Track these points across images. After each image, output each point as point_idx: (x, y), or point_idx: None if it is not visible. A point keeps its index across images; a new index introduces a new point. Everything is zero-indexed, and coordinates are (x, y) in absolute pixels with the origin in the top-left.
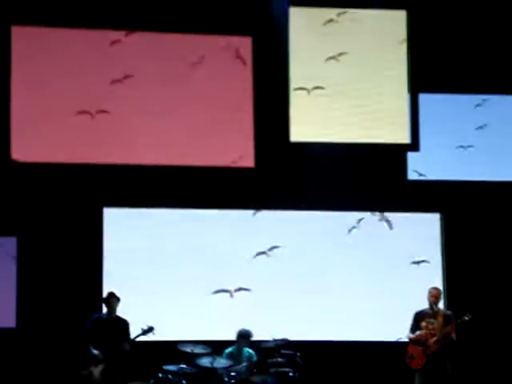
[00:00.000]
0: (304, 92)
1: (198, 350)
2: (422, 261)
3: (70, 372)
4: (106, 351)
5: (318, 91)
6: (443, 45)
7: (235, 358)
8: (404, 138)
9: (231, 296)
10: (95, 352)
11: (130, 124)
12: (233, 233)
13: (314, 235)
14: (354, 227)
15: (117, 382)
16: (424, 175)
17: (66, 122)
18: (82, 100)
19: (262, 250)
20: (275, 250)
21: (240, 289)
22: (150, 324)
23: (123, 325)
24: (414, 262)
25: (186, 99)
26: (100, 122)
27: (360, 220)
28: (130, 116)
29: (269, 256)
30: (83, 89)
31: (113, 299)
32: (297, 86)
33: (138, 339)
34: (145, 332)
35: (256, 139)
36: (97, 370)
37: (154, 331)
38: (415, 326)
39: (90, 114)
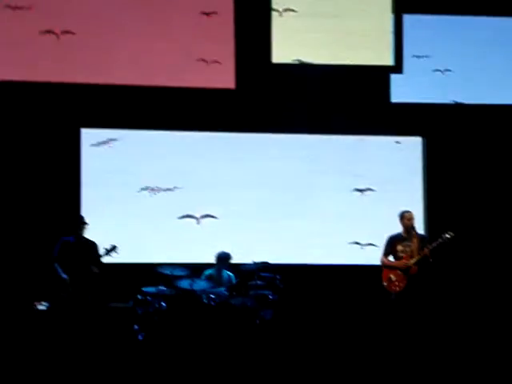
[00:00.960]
0: (287, 13)
1: (177, 272)
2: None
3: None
4: (75, 274)
5: (302, 12)
6: None
7: (214, 280)
8: (387, 59)
9: (216, 219)
10: (64, 276)
11: (108, 43)
12: (212, 156)
13: (294, 158)
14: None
15: (88, 304)
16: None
17: (42, 41)
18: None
19: (241, 174)
20: (252, 174)
21: (224, 213)
22: (113, 243)
23: (91, 246)
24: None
25: (161, 20)
26: (79, 42)
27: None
28: (107, 35)
29: (247, 180)
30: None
31: (82, 222)
32: (279, 8)
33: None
34: (108, 251)
35: (237, 60)
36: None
37: (118, 250)
38: (389, 250)
39: (73, 33)
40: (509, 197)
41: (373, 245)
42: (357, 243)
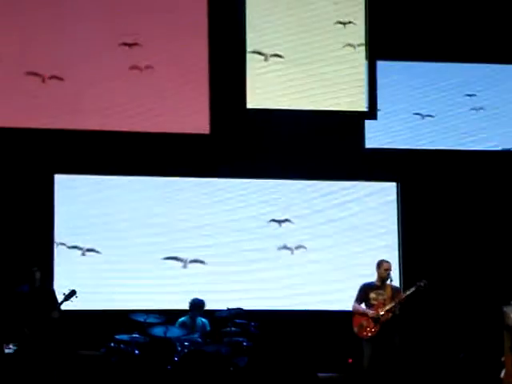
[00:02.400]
0: (261, 57)
1: (150, 319)
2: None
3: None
4: (34, 323)
5: (276, 58)
6: (401, 12)
7: (188, 327)
8: (361, 105)
9: (185, 266)
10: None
11: (81, 89)
12: (185, 201)
13: (268, 204)
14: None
15: (51, 352)
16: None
17: (16, 86)
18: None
19: (215, 219)
20: (229, 219)
21: (194, 260)
22: (72, 288)
23: (48, 292)
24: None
25: (138, 65)
26: (51, 87)
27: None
28: (81, 81)
29: (223, 226)
30: (34, 51)
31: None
32: (253, 49)
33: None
34: (67, 297)
35: (211, 105)
36: None
37: (77, 294)
38: (362, 297)
39: (41, 76)
40: (483, 242)
41: (341, 292)
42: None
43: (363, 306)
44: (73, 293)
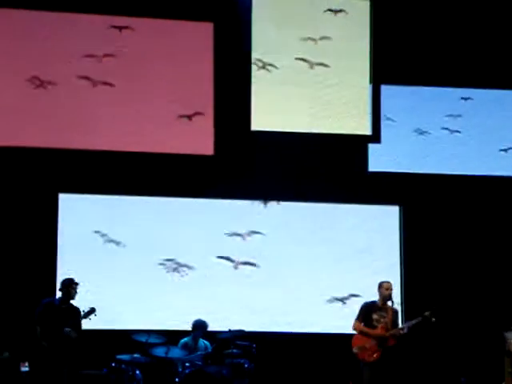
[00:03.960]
0: (265, 80)
1: (152, 339)
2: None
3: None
4: (54, 337)
5: (280, 80)
6: (406, 36)
7: (190, 348)
8: (365, 129)
9: (187, 286)
10: (43, 343)
11: (86, 109)
12: (189, 221)
13: (272, 226)
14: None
15: (63, 373)
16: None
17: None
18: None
19: (218, 240)
20: (231, 240)
21: (200, 279)
22: (92, 306)
23: (75, 312)
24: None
25: (145, 86)
26: (58, 106)
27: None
28: (86, 101)
29: (224, 245)
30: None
31: (72, 285)
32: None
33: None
34: (86, 314)
35: (216, 127)
36: None
37: (96, 313)
38: (363, 318)
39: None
40: (485, 267)
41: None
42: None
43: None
44: (92, 311)
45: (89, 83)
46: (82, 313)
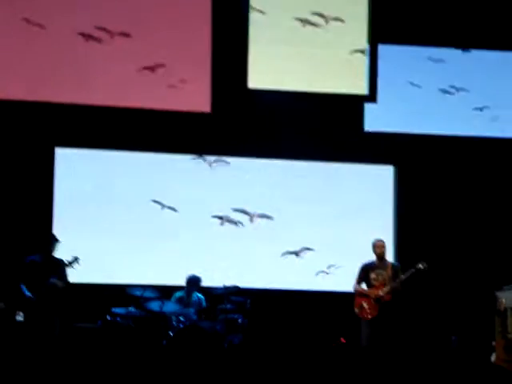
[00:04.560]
0: (264, 39)
1: (147, 293)
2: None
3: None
4: (41, 292)
5: (278, 39)
6: None
7: (184, 302)
8: (362, 88)
9: (187, 241)
10: (28, 294)
11: (86, 63)
12: (184, 178)
13: (266, 183)
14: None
15: (55, 323)
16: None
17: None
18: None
19: (212, 197)
20: (227, 198)
21: (195, 235)
22: (75, 255)
23: (59, 264)
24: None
25: (137, 41)
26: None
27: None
28: (86, 55)
29: (219, 204)
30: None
31: (54, 241)
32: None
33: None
34: (70, 263)
35: (213, 85)
36: None
37: (79, 261)
38: (363, 278)
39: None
40: (478, 228)
41: (337, 271)
42: (328, 268)
43: (364, 286)
44: (75, 259)
45: (83, 38)
46: (66, 261)
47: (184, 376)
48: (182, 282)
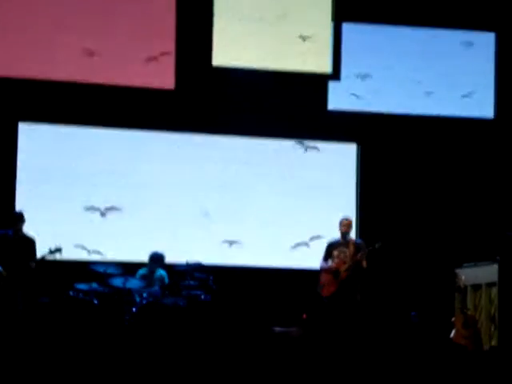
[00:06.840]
0: (228, 16)
1: (110, 270)
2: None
3: None
4: (10, 268)
5: (242, 16)
6: None
7: (147, 279)
8: (326, 66)
9: (149, 218)
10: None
11: (51, 39)
12: (148, 155)
13: (229, 160)
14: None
15: (18, 299)
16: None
17: None
18: None
19: (177, 174)
20: (192, 174)
21: (158, 212)
22: (59, 244)
23: (29, 243)
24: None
25: (104, 19)
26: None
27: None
28: (50, 31)
29: (184, 181)
30: None
31: (20, 219)
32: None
33: (46, 258)
34: (52, 252)
35: (177, 62)
36: None
37: (62, 252)
38: (327, 256)
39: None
40: (439, 205)
41: (306, 245)
42: (292, 247)
43: (330, 263)
44: (58, 250)
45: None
46: (48, 249)
47: (146, 351)
48: (146, 259)
